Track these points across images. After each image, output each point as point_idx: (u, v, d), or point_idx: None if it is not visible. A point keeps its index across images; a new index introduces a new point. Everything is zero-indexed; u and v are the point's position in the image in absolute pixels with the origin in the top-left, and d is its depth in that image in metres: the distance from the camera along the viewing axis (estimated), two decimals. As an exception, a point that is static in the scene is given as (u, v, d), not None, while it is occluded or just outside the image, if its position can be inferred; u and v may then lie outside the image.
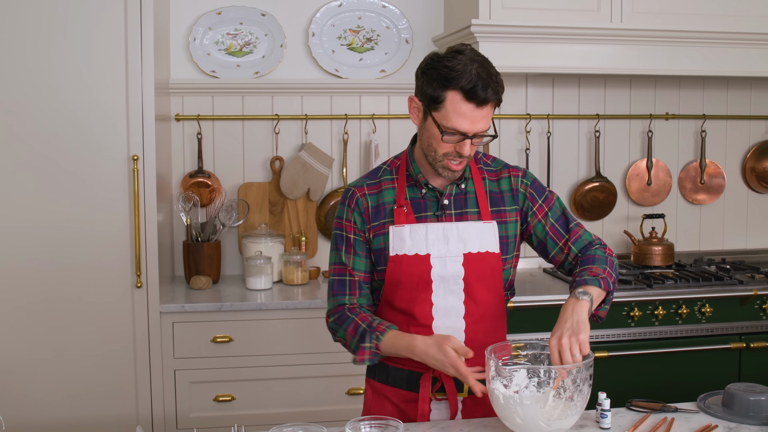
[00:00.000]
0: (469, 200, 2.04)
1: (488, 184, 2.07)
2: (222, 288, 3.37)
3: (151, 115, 3.00)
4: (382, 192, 2.04)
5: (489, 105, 1.89)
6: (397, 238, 1.99)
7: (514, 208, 2.06)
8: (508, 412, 1.75)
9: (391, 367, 2.06)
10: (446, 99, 1.87)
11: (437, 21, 3.73)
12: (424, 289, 1.99)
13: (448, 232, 2.00)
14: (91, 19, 2.93)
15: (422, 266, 1.98)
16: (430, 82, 1.89)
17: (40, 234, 2.97)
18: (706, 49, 3.38)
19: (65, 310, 3.01)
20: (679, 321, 3.28)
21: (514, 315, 3.14)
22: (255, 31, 3.58)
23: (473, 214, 2.03)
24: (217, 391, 3.12)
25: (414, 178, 2.04)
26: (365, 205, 2.04)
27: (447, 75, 1.86)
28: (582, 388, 1.75)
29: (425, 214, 2.02)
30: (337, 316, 2.05)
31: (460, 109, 1.86)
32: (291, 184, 3.56)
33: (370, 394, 2.14)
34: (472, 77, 1.84)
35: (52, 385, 3.03)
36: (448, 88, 1.86)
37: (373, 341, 1.95)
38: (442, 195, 2.02)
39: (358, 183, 2.09)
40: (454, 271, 1.99)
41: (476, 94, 1.85)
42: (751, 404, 1.96)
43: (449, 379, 1.99)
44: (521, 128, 3.81)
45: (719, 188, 4.01)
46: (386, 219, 2.02)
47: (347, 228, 2.05)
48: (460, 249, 1.99)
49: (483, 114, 1.88)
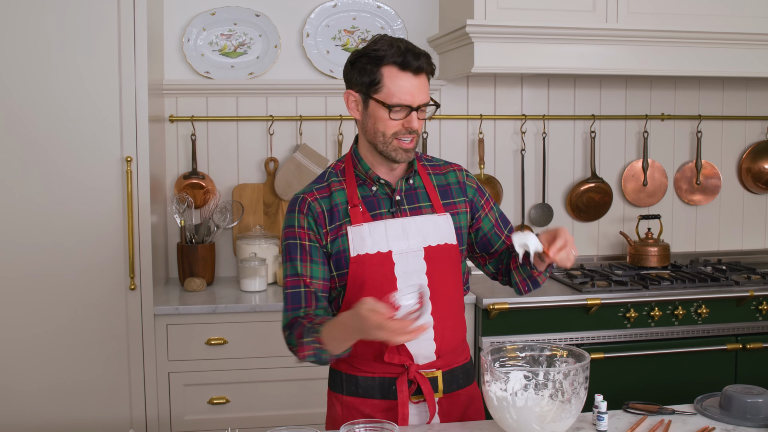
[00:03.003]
0: (420, 195, 2.04)
1: (435, 178, 2.09)
2: (216, 290, 3.35)
3: (144, 116, 2.98)
4: (333, 194, 2.00)
5: (423, 75, 1.93)
6: (357, 238, 1.95)
7: (462, 199, 2.09)
8: (502, 414, 1.74)
9: (361, 378, 2.00)
10: (383, 76, 1.90)
11: (432, 21, 3.72)
12: (389, 288, 1.94)
13: (407, 227, 1.98)
14: (84, 20, 2.91)
15: (385, 264, 1.95)
16: (363, 69, 1.93)
17: (32, 235, 2.95)
18: (702, 50, 3.37)
19: (58, 313, 2.99)
20: (675, 322, 3.27)
21: (509, 316, 3.13)
22: (249, 32, 3.57)
23: (427, 208, 2.03)
24: (212, 393, 3.10)
25: (363, 176, 2.01)
26: (318, 209, 1.98)
27: (377, 55, 1.90)
28: (579, 391, 1.74)
29: (380, 211, 2.00)
30: (290, 328, 1.94)
31: (398, 81, 1.90)
32: (285, 185, 3.55)
33: (339, 410, 2.04)
34: (401, 51, 1.89)
35: (45, 388, 3.00)
36: (381, 65, 1.90)
37: (313, 335, 1.85)
38: (393, 191, 2.01)
39: (306, 190, 2.03)
40: (416, 266, 1.97)
41: (409, 63, 1.89)
42: (748, 406, 1.95)
43: (425, 381, 1.97)
44: (516, 129, 3.80)
45: (715, 189, 4.01)
46: (342, 220, 1.97)
47: (301, 235, 1.97)
48: (420, 243, 1.98)
49: (421, 83, 1.92)
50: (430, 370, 1.99)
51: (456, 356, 2.05)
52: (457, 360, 2.05)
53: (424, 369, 1.98)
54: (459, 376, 2.05)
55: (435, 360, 1.99)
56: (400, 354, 1.96)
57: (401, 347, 1.96)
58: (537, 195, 3.84)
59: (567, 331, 3.18)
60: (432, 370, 1.99)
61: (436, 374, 1.99)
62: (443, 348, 2.00)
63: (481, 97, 3.77)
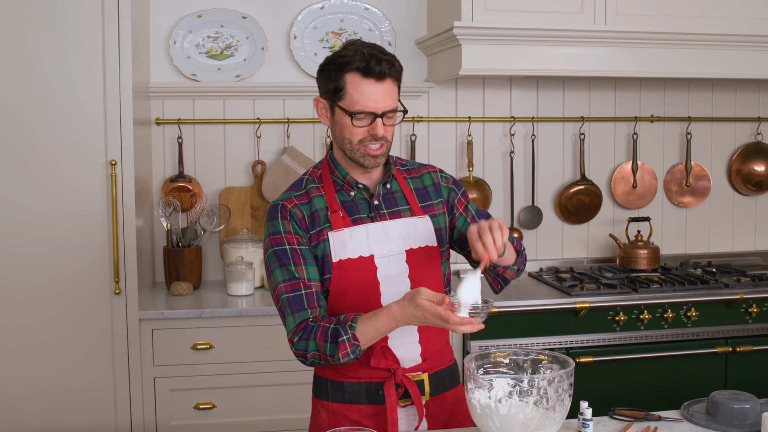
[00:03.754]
0: (398, 198, 2.03)
1: (411, 182, 2.08)
2: (203, 294, 3.32)
3: (129, 119, 2.95)
4: (312, 200, 1.98)
5: (389, 80, 1.90)
6: (338, 243, 1.93)
7: (439, 200, 2.08)
8: (485, 422, 1.72)
9: (347, 384, 1.98)
10: (346, 83, 1.88)
11: (420, 23, 3.70)
12: (372, 293, 1.94)
13: (388, 231, 1.97)
14: (68, 22, 2.88)
15: (368, 269, 1.94)
16: (328, 76, 1.91)
17: (14, 240, 2.92)
18: (691, 51, 3.36)
19: (42, 318, 2.95)
20: (665, 325, 3.25)
21: (499, 320, 3.11)
22: (236, 34, 3.54)
23: (405, 211, 2.02)
24: (198, 398, 3.07)
25: (341, 181, 2.00)
26: (300, 215, 1.95)
27: (341, 62, 1.88)
28: (563, 398, 1.72)
29: (359, 216, 1.98)
30: (302, 331, 1.87)
31: (361, 88, 1.87)
32: (273, 188, 3.52)
33: (324, 417, 2.01)
34: (364, 56, 1.86)
35: (29, 393, 2.97)
36: (344, 72, 1.88)
37: (349, 332, 1.81)
38: (371, 196, 2.00)
39: (284, 197, 2.00)
40: (398, 269, 1.96)
41: (371, 69, 1.86)
42: (735, 412, 1.94)
43: (412, 384, 1.95)
44: (505, 131, 3.78)
45: (705, 191, 3.99)
46: (322, 226, 1.95)
47: (289, 240, 1.93)
48: (401, 246, 1.97)
49: (385, 90, 1.89)
50: (417, 374, 1.98)
51: (441, 358, 2.05)
52: (442, 362, 2.05)
53: (411, 372, 1.97)
54: (445, 378, 2.05)
55: (421, 363, 1.98)
56: (386, 358, 1.94)
57: (387, 351, 1.94)
58: (526, 197, 3.82)
59: (556, 335, 3.17)
60: (418, 373, 1.98)
61: (423, 377, 1.98)
62: (428, 351, 1.99)
63: (469, 99, 3.76)
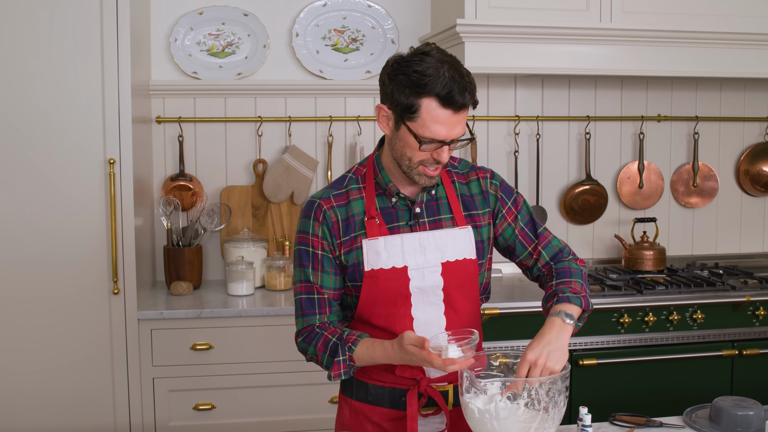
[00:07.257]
0: (442, 206, 1.95)
1: (458, 187, 1.99)
2: (203, 294, 3.30)
3: (128, 117, 2.93)
4: (351, 203, 1.92)
5: (465, 110, 1.79)
6: (371, 252, 1.89)
7: (486, 210, 1.99)
8: (483, 427, 1.68)
9: (371, 385, 1.96)
10: (421, 107, 1.75)
11: (424, 21, 3.66)
12: (403, 303, 1.90)
13: (424, 242, 1.90)
14: (67, 19, 2.86)
15: (400, 280, 1.89)
16: (401, 90, 1.77)
17: (12, 239, 2.90)
18: (699, 50, 3.31)
19: (40, 318, 2.94)
20: (670, 328, 3.21)
21: (500, 322, 3.07)
22: (237, 32, 3.51)
23: (447, 221, 1.94)
24: (197, 399, 3.05)
25: (383, 187, 1.93)
26: (334, 219, 1.91)
27: (419, 81, 1.74)
28: (557, 399, 1.69)
29: (398, 224, 1.92)
30: (306, 335, 1.92)
31: (437, 117, 1.75)
32: (274, 187, 3.49)
33: (347, 414, 2.01)
34: (446, 81, 1.73)
35: (27, 394, 2.96)
36: (422, 95, 1.74)
37: (347, 353, 1.85)
38: (413, 203, 1.93)
39: (323, 194, 1.94)
40: (432, 281, 1.90)
41: (453, 100, 1.74)
42: (738, 419, 1.90)
43: (437, 393, 1.91)
44: (510, 130, 3.74)
45: (712, 191, 3.94)
46: (357, 232, 1.91)
47: (314, 243, 1.91)
48: (437, 258, 1.90)
49: (460, 119, 1.79)
50: (442, 384, 1.94)
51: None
52: None
53: (436, 383, 1.93)
54: None
55: (447, 374, 1.92)
56: (411, 368, 1.91)
57: None
58: (531, 197, 3.78)
59: (559, 337, 3.12)
60: (443, 383, 1.94)
61: (447, 388, 1.94)
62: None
63: (473, 97, 3.71)
